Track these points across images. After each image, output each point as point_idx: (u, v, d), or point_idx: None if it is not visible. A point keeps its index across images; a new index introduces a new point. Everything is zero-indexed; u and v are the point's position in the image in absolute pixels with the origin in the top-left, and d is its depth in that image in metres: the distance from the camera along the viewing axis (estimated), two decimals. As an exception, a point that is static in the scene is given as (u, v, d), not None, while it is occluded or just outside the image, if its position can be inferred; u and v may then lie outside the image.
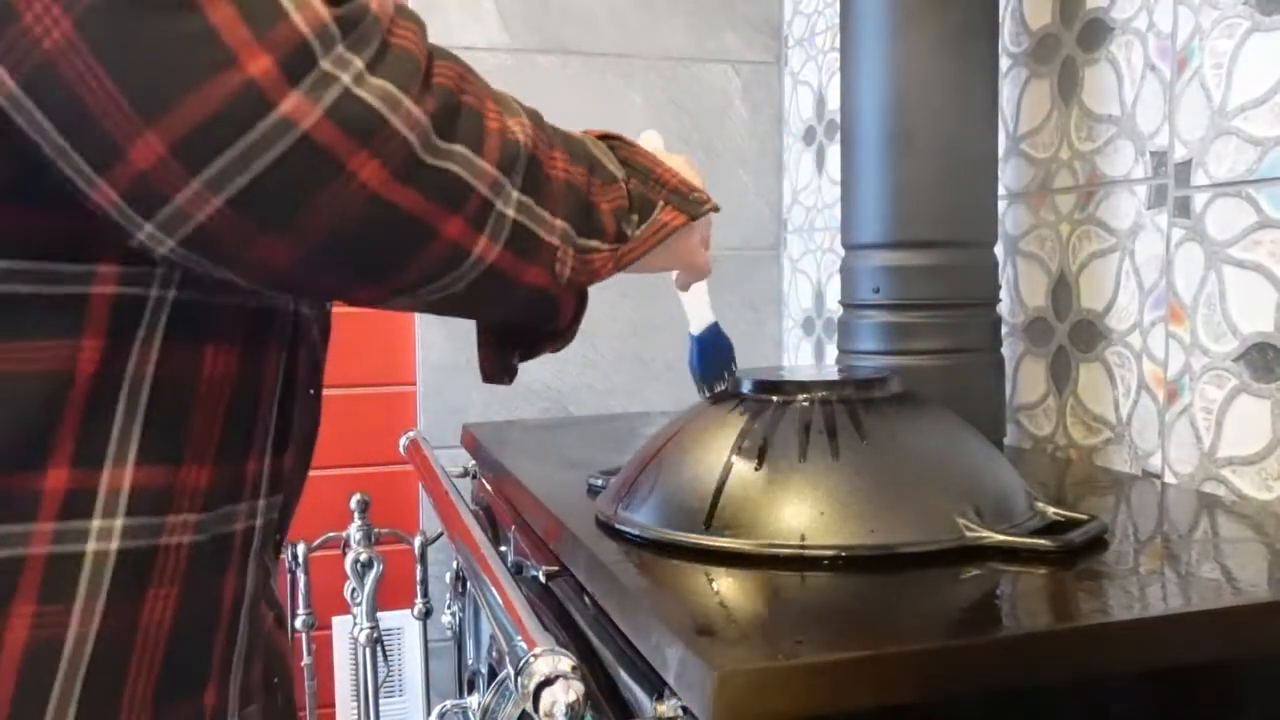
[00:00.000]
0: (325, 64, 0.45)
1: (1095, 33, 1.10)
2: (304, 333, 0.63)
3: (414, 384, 1.66)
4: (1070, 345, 1.15)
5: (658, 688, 0.61)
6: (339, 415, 1.61)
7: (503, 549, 1.08)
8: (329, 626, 1.63)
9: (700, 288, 0.89)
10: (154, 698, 0.53)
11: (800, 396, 0.80)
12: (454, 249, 0.53)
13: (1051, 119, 1.17)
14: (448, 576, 1.39)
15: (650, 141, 0.77)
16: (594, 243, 0.61)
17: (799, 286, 1.75)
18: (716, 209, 0.72)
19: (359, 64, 0.46)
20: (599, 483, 0.94)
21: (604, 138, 0.68)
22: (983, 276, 1.11)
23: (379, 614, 1.40)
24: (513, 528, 1.04)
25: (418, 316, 1.63)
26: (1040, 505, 0.80)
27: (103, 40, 0.43)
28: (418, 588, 1.47)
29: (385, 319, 1.64)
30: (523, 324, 0.68)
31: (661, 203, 0.67)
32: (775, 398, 0.81)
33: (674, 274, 0.83)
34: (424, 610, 1.47)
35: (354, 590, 1.38)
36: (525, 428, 1.42)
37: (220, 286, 0.54)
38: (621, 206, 0.64)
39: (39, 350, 0.49)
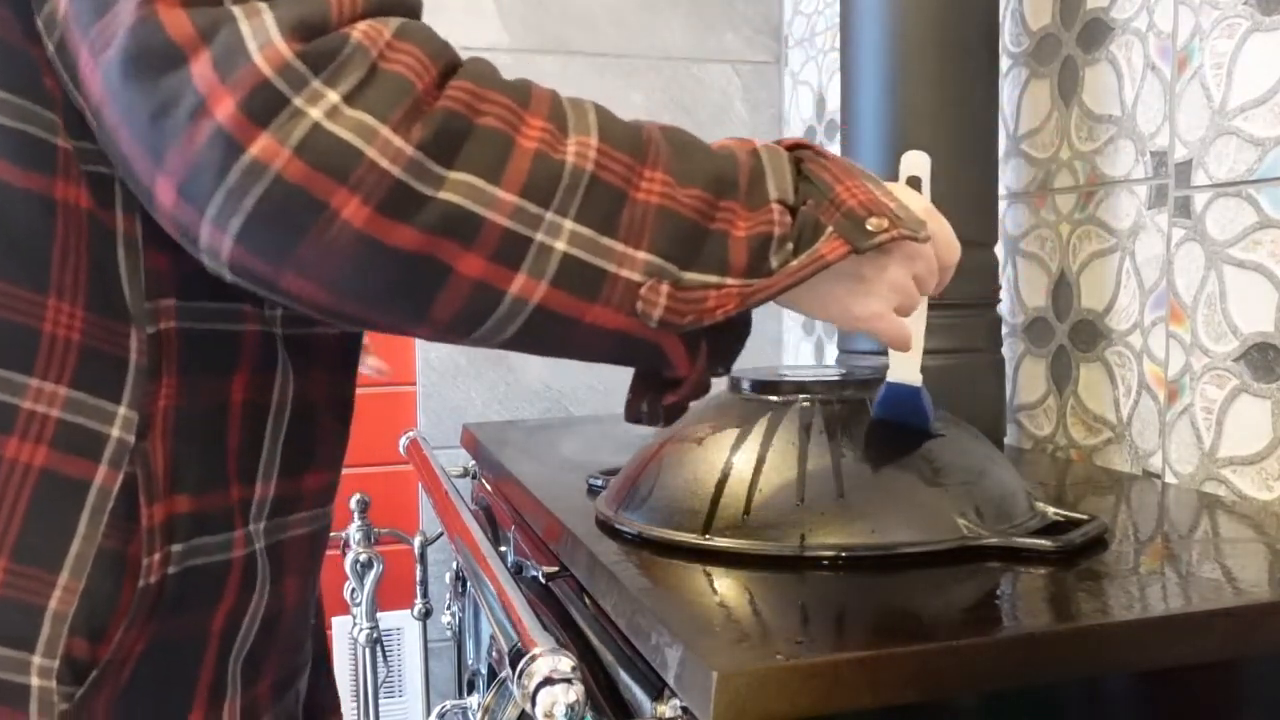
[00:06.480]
0: (298, 100, 0.44)
1: (1095, 33, 1.10)
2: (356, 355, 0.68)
3: (414, 384, 1.66)
4: (1070, 345, 1.15)
5: (658, 688, 0.61)
6: (339, 415, 1.61)
7: (503, 549, 1.08)
8: (329, 627, 1.63)
9: (915, 349, 0.73)
10: (283, 657, 0.64)
11: (800, 396, 0.80)
12: (481, 288, 0.49)
13: (1051, 119, 1.17)
14: (448, 576, 1.39)
15: (914, 166, 0.66)
16: (709, 277, 0.53)
17: (799, 286, 1.75)
18: (912, 237, 0.57)
19: (334, 97, 0.45)
20: (599, 483, 0.94)
21: (795, 148, 0.59)
22: (983, 276, 1.11)
23: (379, 614, 1.40)
24: (513, 528, 1.04)
25: (418, 316, 1.63)
26: (1040, 505, 0.80)
27: (119, 94, 0.46)
28: (417, 588, 1.47)
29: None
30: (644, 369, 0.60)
31: (830, 229, 0.55)
32: (775, 398, 0.81)
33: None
34: (424, 610, 1.47)
35: (354, 590, 1.38)
36: (525, 428, 1.42)
37: (309, 320, 0.59)
38: (766, 233, 0.54)
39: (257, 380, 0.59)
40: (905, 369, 0.76)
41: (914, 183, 0.70)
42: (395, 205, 0.46)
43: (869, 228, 0.56)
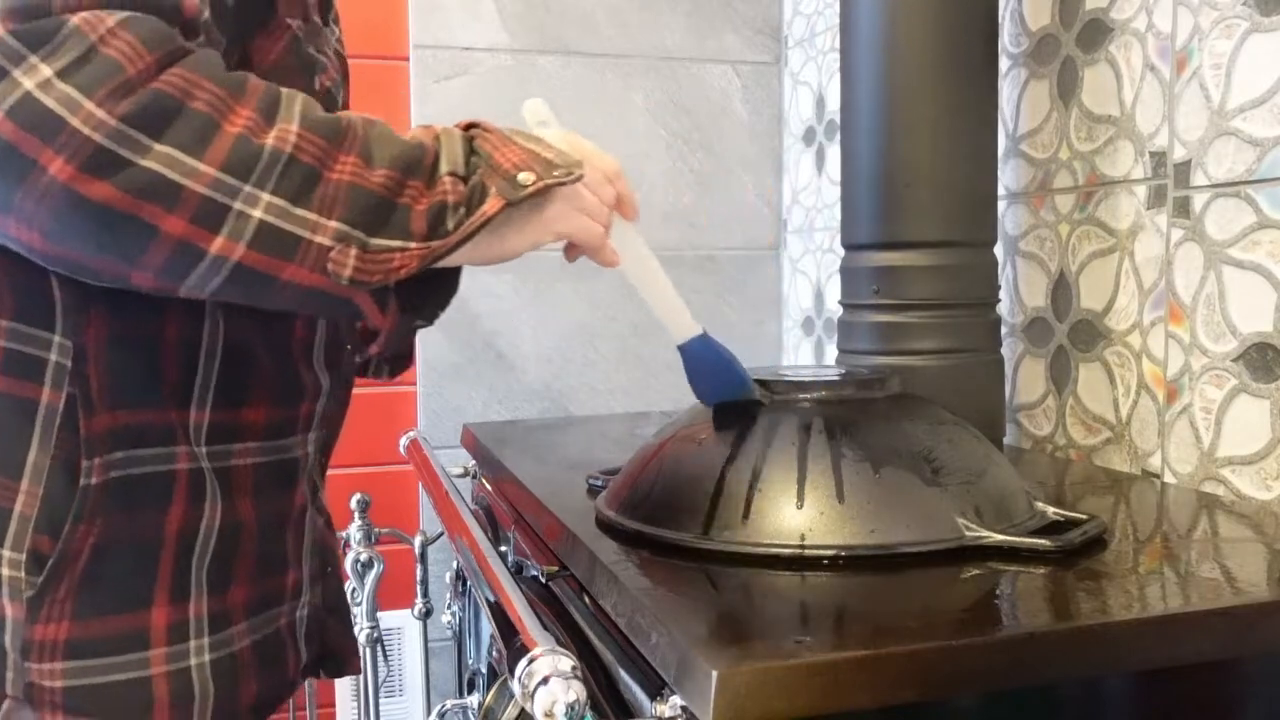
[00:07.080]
0: (15, 72, 0.53)
1: (1095, 33, 1.10)
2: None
3: (414, 384, 1.66)
4: (1070, 345, 1.16)
5: (658, 688, 0.61)
6: (339, 415, 1.61)
7: (503, 549, 1.08)
8: (329, 626, 1.63)
9: (661, 289, 0.78)
10: (254, 573, 0.72)
11: (800, 397, 0.80)
12: (184, 244, 0.57)
13: (1051, 119, 1.17)
14: (448, 576, 1.39)
15: (534, 112, 0.74)
16: (393, 242, 0.61)
17: (799, 287, 1.75)
18: (557, 183, 0.66)
19: (47, 71, 0.53)
20: (599, 483, 0.94)
21: (470, 128, 0.68)
22: (983, 276, 1.11)
23: (379, 614, 1.40)
24: (513, 528, 1.04)
25: (418, 316, 1.63)
26: (1040, 505, 0.80)
27: None
28: (418, 588, 1.47)
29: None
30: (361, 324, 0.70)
31: (493, 189, 0.64)
32: (775, 398, 0.81)
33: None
34: (424, 610, 1.47)
35: (354, 590, 1.38)
36: (525, 428, 1.42)
37: None
38: (441, 202, 0.63)
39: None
40: (678, 323, 0.80)
41: (546, 124, 0.76)
42: (97, 166, 0.54)
43: (520, 180, 0.65)
